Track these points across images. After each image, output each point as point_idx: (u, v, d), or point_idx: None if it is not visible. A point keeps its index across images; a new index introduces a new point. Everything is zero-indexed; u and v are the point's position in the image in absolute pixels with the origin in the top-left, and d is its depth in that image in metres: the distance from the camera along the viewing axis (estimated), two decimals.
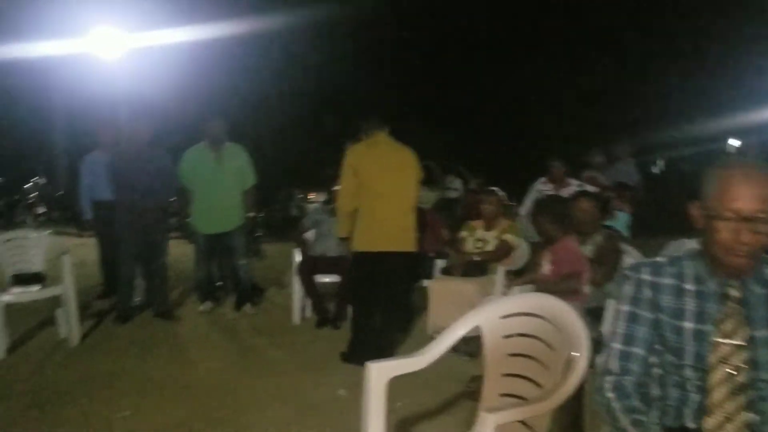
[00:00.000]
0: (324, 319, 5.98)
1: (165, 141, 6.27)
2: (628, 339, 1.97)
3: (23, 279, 5.41)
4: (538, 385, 2.44)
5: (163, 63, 13.73)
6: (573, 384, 2.19)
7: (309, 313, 6.29)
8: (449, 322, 4.85)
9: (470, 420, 3.69)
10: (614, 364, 1.98)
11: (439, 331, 4.92)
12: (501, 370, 2.59)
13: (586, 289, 4.10)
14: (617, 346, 1.99)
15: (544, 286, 4.03)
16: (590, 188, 6.12)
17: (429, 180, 11.73)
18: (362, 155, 4.78)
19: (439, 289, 5.10)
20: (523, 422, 2.40)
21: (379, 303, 4.89)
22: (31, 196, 13.27)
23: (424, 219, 6.26)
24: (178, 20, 13.31)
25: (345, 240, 4.99)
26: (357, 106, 18.91)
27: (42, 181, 13.69)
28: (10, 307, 5.17)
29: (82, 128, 13.97)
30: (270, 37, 16.29)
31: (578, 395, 2.53)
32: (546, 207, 4.26)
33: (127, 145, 6.14)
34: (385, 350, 4.86)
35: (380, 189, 4.71)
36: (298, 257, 6.17)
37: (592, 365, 2.25)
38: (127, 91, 11.76)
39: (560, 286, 3.99)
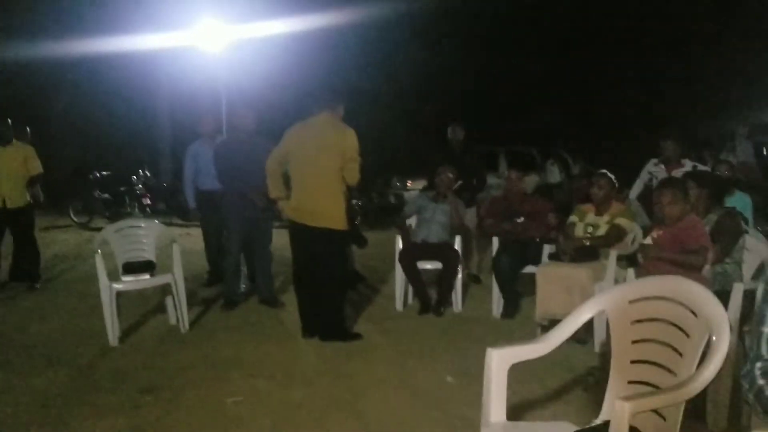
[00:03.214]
0: (426, 306, 5.94)
1: (267, 130, 6.35)
2: None
3: (134, 267, 5.53)
4: (671, 372, 2.30)
5: (264, 54, 13.98)
6: (713, 371, 2.05)
7: (411, 299, 6.27)
8: (559, 308, 4.77)
9: (583, 410, 3.58)
10: (764, 349, 1.82)
11: (548, 318, 4.83)
12: (629, 357, 2.46)
13: (707, 271, 3.89)
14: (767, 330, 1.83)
15: (665, 256, 3.89)
16: (703, 168, 5.83)
17: (529, 165, 11.56)
18: (294, 132, 5.09)
19: (548, 274, 4.94)
20: (656, 411, 2.27)
21: (308, 275, 5.12)
22: (137, 187, 13.79)
23: (529, 204, 6.12)
24: (280, 11, 13.49)
25: (274, 202, 5.26)
26: (456, 93, 18.91)
27: (147, 172, 14.17)
28: (121, 295, 5.33)
29: (184, 121, 14.44)
30: (368, 27, 16.30)
31: None
32: (668, 187, 4.06)
33: (232, 135, 6.25)
34: (330, 326, 5.11)
35: (302, 165, 4.99)
36: (400, 244, 6.14)
37: None
38: (228, 83, 12.06)
39: (685, 259, 3.87)
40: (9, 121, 7.00)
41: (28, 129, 7.75)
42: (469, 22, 18.58)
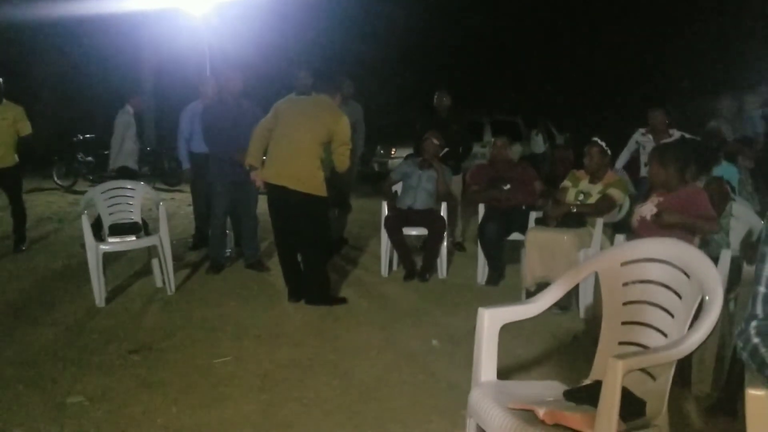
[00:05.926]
0: (411, 272, 5.95)
1: (253, 94, 6.26)
2: None
3: (120, 229, 5.49)
4: (662, 333, 2.32)
5: (248, 18, 13.77)
6: (707, 331, 2.07)
7: (396, 266, 6.28)
8: (546, 272, 4.77)
9: (570, 372, 3.62)
10: (759, 308, 1.83)
11: (536, 283, 4.83)
12: (620, 319, 2.48)
13: (697, 240, 3.90)
14: (762, 289, 1.84)
15: (673, 218, 3.79)
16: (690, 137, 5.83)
17: (513, 135, 11.55)
18: (289, 102, 5.17)
19: (535, 238, 4.92)
20: (646, 372, 2.29)
21: (290, 240, 5.15)
22: None
23: (515, 171, 6.12)
24: None
25: (250, 168, 5.17)
26: (442, 61, 18.78)
27: None
28: (107, 257, 5.30)
29: (168, 84, 14.20)
30: None
31: None
32: (670, 154, 4.02)
33: (219, 98, 6.16)
34: (315, 290, 5.11)
35: (289, 130, 4.97)
36: (385, 210, 6.13)
37: None
38: (212, 46, 11.86)
39: (696, 222, 3.77)
40: (0, 80, 6.84)
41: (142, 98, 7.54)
42: None
